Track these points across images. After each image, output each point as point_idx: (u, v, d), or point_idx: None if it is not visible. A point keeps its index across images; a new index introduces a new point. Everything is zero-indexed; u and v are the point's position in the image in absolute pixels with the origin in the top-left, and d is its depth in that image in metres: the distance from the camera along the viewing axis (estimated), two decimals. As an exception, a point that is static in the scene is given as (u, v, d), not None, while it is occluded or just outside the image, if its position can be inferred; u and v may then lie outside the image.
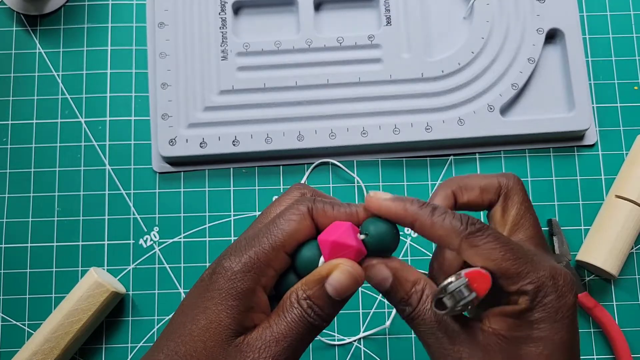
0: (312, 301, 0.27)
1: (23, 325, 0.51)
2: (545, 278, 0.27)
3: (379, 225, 0.29)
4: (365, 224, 0.29)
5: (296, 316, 0.27)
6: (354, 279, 0.27)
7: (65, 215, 0.53)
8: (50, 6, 0.56)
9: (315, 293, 0.27)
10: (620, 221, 0.50)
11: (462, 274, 0.27)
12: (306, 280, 0.28)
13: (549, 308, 0.27)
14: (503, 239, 0.28)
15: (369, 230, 0.29)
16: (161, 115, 0.53)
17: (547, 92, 0.55)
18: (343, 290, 0.27)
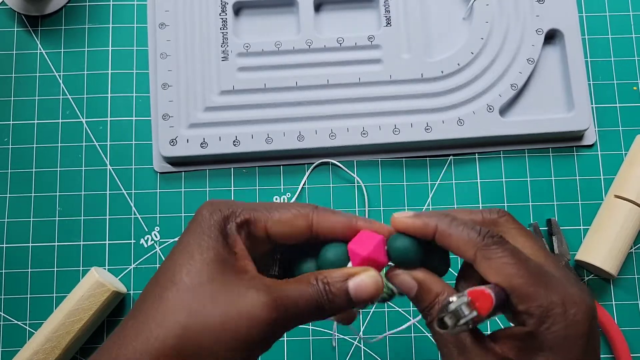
0: (329, 287, 0.28)
1: (24, 324, 0.52)
2: (555, 304, 0.27)
3: (404, 241, 0.30)
4: (392, 240, 0.30)
5: (309, 289, 0.27)
6: (376, 286, 0.28)
7: (66, 215, 0.53)
8: (51, 7, 0.56)
9: (336, 283, 0.28)
10: (620, 221, 0.51)
11: (465, 292, 0.27)
12: (331, 272, 0.28)
13: (555, 336, 0.26)
14: (520, 256, 0.28)
15: (394, 244, 0.30)
16: (162, 116, 0.53)
17: (547, 93, 0.55)
18: (362, 292, 0.28)
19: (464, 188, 0.54)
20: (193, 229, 0.28)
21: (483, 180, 0.54)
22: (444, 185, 0.54)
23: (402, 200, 0.53)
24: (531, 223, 0.52)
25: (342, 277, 0.28)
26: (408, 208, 0.53)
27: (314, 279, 0.28)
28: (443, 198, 0.53)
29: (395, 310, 0.52)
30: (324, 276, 0.28)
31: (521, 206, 0.53)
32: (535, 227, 0.52)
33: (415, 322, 0.51)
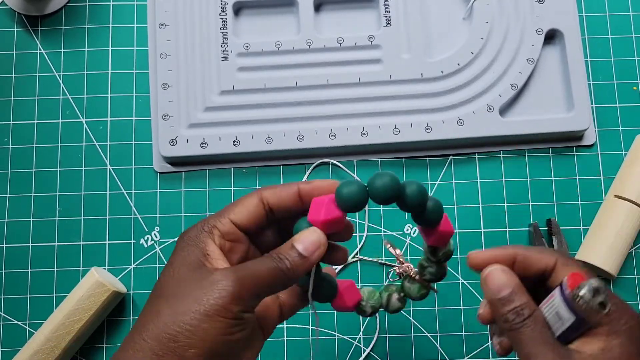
0: (282, 253, 0.31)
1: (24, 324, 0.52)
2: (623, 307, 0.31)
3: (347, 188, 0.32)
4: (336, 191, 0.32)
5: (267, 260, 0.31)
6: (316, 235, 0.31)
7: (66, 215, 0.53)
8: (52, 7, 0.56)
9: (286, 247, 0.31)
10: (619, 221, 0.51)
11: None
12: (278, 249, 0.32)
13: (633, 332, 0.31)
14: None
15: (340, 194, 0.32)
16: (162, 116, 0.53)
17: (547, 93, 0.55)
18: (306, 243, 0.31)
19: (464, 188, 0.54)
20: (173, 252, 0.33)
21: (483, 180, 0.54)
22: (444, 185, 0.54)
23: (402, 200, 0.53)
24: (531, 223, 0.53)
25: (289, 245, 0.31)
26: (408, 208, 0.53)
27: (275, 254, 0.31)
28: (443, 198, 0.53)
29: (395, 310, 0.52)
30: (277, 252, 0.31)
31: (521, 206, 0.53)
32: (535, 227, 0.52)
33: (415, 322, 0.51)
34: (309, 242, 0.31)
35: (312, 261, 0.31)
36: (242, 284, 0.29)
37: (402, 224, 0.53)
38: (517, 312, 0.31)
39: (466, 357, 0.51)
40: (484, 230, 0.53)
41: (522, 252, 0.33)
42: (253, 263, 0.31)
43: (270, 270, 0.31)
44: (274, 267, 0.31)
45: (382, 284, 0.52)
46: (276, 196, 0.33)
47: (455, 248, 0.52)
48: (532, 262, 0.33)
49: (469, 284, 0.52)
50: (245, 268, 0.30)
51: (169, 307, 0.29)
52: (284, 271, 0.31)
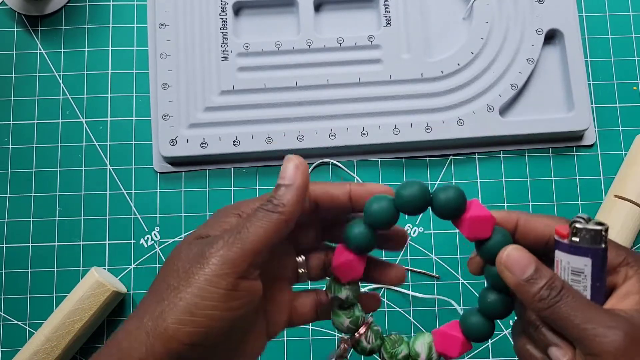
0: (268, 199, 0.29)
1: (24, 324, 0.52)
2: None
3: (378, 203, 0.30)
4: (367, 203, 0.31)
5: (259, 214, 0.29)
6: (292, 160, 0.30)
7: (66, 215, 0.53)
8: (51, 7, 0.56)
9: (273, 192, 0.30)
10: (620, 221, 0.51)
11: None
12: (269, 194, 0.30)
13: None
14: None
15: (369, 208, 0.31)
16: (162, 116, 0.53)
17: (547, 93, 0.55)
18: (288, 172, 0.29)
19: (464, 188, 0.53)
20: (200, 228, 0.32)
21: (483, 180, 0.54)
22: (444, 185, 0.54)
23: (402, 200, 0.53)
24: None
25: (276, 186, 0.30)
26: (408, 208, 0.53)
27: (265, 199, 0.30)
28: (443, 198, 0.53)
29: (395, 310, 0.52)
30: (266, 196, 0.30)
31: (521, 206, 0.53)
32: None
33: (415, 322, 0.51)
34: (287, 170, 0.30)
35: (299, 185, 0.29)
36: (234, 248, 0.28)
37: (402, 224, 0.53)
38: (551, 286, 0.28)
39: (466, 357, 0.51)
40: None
41: (525, 217, 0.31)
42: (243, 222, 0.29)
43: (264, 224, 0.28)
44: (265, 215, 0.29)
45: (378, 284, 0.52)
46: (325, 191, 0.32)
47: (455, 249, 0.53)
48: (533, 227, 0.31)
49: (469, 283, 0.52)
50: (236, 227, 0.29)
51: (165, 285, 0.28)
52: (278, 213, 0.29)
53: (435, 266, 0.52)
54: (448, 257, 0.52)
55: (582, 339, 0.27)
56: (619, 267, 0.30)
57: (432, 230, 0.53)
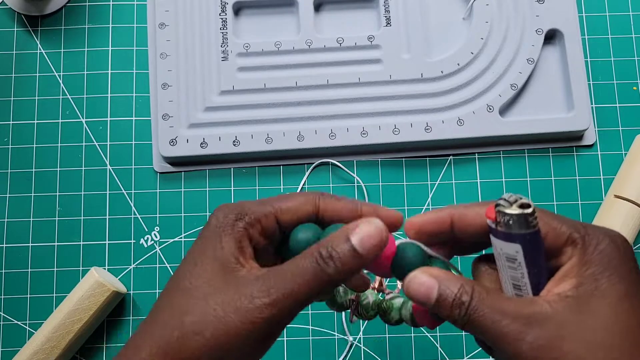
0: (330, 250, 0.26)
1: (24, 324, 0.52)
2: (594, 229, 0.27)
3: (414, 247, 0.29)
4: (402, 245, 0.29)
5: (310, 262, 0.26)
6: (379, 230, 0.27)
7: (66, 215, 0.53)
8: (51, 7, 0.56)
9: (339, 246, 0.26)
10: (619, 221, 0.51)
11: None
12: (329, 238, 0.27)
13: (607, 253, 0.26)
14: (547, 212, 0.28)
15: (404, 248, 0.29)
16: (162, 116, 0.53)
17: (546, 93, 0.55)
18: (368, 240, 0.26)
19: (464, 188, 0.54)
20: (202, 234, 0.29)
21: (483, 180, 0.54)
22: (443, 185, 0.54)
23: (402, 200, 0.53)
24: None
25: (343, 236, 0.27)
26: (408, 208, 0.53)
27: (316, 252, 0.27)
28: (443, 198, 0.53)
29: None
30: (324, 244, 0.27)
31: (521, 206, 0.53)
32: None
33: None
34: (366, 233, 0.26)
35: (365, 260, 0.27)
36: (280, 302, 0.26)
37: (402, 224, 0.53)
38: (458, 305, 0.27)
39: (466, 357, 0.51)
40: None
41: (459, 211, 0.29)
42: (291, 271, 0.27)
43: (310, 279, 0.26)
44: (316, 274, 0.26)
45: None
46: (334, 207, 0.30)
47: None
48: (470, 221, 0.29)
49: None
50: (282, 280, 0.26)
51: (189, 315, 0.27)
52: (330, 276, 0.26)
53: (435, 266, 0.52)
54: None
55: (497, 342, 0.26)
56: (564, 247, 0.27)
57: (432, 230, 0.53)
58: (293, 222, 0.30)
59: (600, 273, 0.26)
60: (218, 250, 0.28)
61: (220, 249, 0.28)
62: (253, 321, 0.26)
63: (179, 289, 0.28)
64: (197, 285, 0.27)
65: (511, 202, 0.26)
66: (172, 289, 0.28)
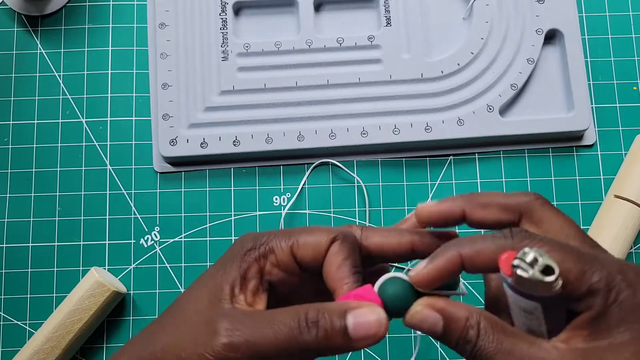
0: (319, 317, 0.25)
1: (24, 324, 0.52)
2: (615, 273, 0.24)
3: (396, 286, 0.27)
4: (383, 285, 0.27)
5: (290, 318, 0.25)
6: (378, 324, 0.25)
7: (66, 215, 0.53)
8: (51, 7, 0.56)
9: (329, 316, 0.25)
10: (620, 221, 0.51)
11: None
12: (327, 304, 0.26)
13: (625, 306, 0.24)
14: (558, 242, 0.25)
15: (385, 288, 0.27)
16: (162, 116, 0.53)
17: (547, 93, 0.55)
18: (363, 329, 0.25)
19: (464, 188, 0.54)
20: (219, 259, 0.29)
21: (483, 180, 0.54)
22: (444, 185, 0.54)
23: (402, 200, 0.53)
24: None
25: (340, 309, 0.25)
26: (408, 208, 0.53)
27: (303, 311, 0.25)
28: (443, 198, 0.53)
29: (395, 310, 0.52)
30: (315, 307, 0.25)
31: (521, 206, 0.53)
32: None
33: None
34: (364, 321, 0.25)
35: (352, 346, 0.25)
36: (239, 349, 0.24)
37: (402, 224, 0.53)
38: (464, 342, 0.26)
39: (466, 357, 0.51)
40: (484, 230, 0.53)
41: (468, 249, 0.26)
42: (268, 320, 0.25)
43: (282, 337, 0.24)
44: (291, 335, 0.24)
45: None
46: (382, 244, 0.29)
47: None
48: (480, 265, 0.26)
49: (469, 284, 0.52)
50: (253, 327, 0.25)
51: (164, 335, 0.26)
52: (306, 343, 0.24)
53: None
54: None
55: None
56: (584, 298, 0.25)
57: (432, 230, 0.53)
58: (308, 257, 0.28)
59: (615, 327, 0.24)
60: (218, 277, 0.27)
61: (220, 276, 0.27)
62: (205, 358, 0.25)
63: (173, 306, 0.28)
64: (185, 309, 0.27)
65: (530, 261, 0.23)
66: (171, 305, 0.28)
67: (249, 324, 0.25)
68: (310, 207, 0.53)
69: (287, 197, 0.54)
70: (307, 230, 0.28)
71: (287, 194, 0.54)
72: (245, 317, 0.25)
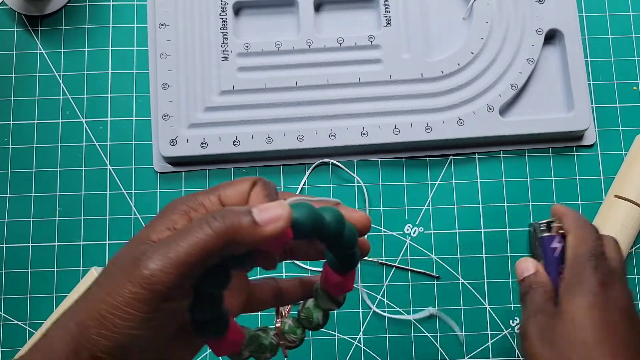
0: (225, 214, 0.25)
1: (24, 324, 0.52)
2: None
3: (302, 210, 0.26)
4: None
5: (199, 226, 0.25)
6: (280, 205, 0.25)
7: (66, 215, 0.53)
8: (52, 7, 0.56)
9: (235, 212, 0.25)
10: (620, 221, 0.51)
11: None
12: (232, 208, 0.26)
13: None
14: None
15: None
16: (162, 116, 0.53)
17: (547, 93, 0.55)
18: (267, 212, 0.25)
19: (464, 188, 0.54)
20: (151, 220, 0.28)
21: (483, 180, 0.54)
22: (444, 185, 0.54)
23: (402, 200, 0.53)
24: (531, 223, 0.53)
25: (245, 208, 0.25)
26: (408, 208, 0.53)
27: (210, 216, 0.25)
28: (443, 198, 0.53)
29: (395, 309, 0.52)
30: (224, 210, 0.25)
31: (521, 206, 0.53)
32: (536, 227, 0.52)
33: (414, 321, 0.51)
34: (268, 206, 0.25)
35: (264, 233, 0.25)
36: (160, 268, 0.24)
37: (402, 224, 0.53)
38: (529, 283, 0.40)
39: (466, 357, 0.51)
40: (484, 230, 0.53)
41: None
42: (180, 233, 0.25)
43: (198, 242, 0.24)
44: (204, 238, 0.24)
45: (378, 284, 0.52)
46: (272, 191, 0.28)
47: (455, 249, 0.53)
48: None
49: (469, 284, 0.52)
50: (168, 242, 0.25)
51: (96, 287, 0.26)
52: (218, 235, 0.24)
53: (435, 266, 0.52)
54: (448, 257, 0.52)
55: None
56: None
57: (432, 230, 0.53)
58: (234, 203, 0.27)
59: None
60: (144, 231, 0.27)
61: (147, 229, 0.27)
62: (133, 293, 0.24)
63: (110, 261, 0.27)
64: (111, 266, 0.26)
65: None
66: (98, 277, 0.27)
67: (164, 244, 0.25)
68: (310, 207, 0.53)
69: (287, 197, 0.53)
70: (231, 182, 0.28)
71: (287, 194, 0.53)
72: (161, 242, 0.25)
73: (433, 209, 0.53)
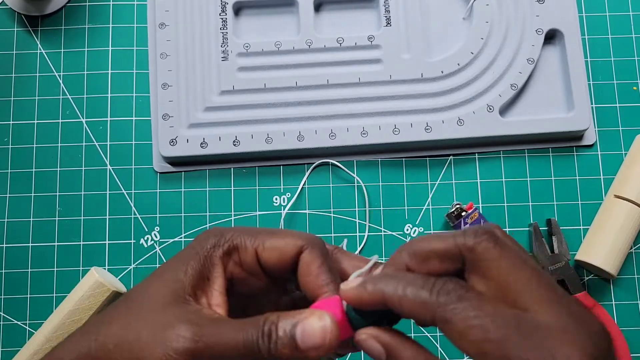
0: (272, 329, 0.25)
1: (24, 324, 0.52)
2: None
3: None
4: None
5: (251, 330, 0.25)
6: (323, 331, 0.24)
7: (66, 215, 0.53)
8: (52, 7, 0.56)
9: (282, 327, 0.25)
10: (619, 221, 0.51)
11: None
12: (283, 315, 0.25)
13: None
14: (487, 309, 0.23)
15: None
16: (162, 116, 0.53)
17: (547, 93, 0.55)
18: (309, 338, 0.24)
19: (464, 188, 0.54)
20: (180, 252, 0.28)
21: (483, 180, 0.54)
22: (443, 185, 0.54)
23: (402, 200, 0.53)
24: (531, 223, 0.53)
25: (291, 320, 0.25)
26: (408, 208, 0.53)
27: (262, 321, 0.25)
28: (443, 198, 0.53)
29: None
30: (272, 319, 0.25)
31: (521, 206, 0.53)
32: (535, 227, 0.52)
33: (415, 322, 0.51)
34: (309, 329, 0.24)
35: (305, 355, 0.24)
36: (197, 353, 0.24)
37: (402, 224, 0.53)
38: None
39: (466, 357, 0.51)
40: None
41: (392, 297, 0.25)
42: (232, 326, 0.25)
43: (240, 345, 0.24)
44: (247, 344, 0.24)
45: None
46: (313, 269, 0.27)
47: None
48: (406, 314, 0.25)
49: (469, 284, 0.52)
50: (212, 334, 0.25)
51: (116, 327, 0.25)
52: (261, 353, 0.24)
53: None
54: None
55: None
56: None
57: (432, 231, 0.53)
58: (273, 261, 0.27)
59: None
60: (180, 273, 0.26)
61: (183, 273, 0.26)
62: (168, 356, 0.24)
63: (125, 300, 0.27)
64: (142, 303, 0.26)
65: None
66: (122, 299, 0.27)
67: (214, 331, 0.25)
68: (310, 207, 0.53)
69: (287, 197, 0.54)
70: (274, 233, 0.27)
71: (287, 194, 0.54)
72: (211, 325, 0.25)
73: (433, 209, 0.53)
